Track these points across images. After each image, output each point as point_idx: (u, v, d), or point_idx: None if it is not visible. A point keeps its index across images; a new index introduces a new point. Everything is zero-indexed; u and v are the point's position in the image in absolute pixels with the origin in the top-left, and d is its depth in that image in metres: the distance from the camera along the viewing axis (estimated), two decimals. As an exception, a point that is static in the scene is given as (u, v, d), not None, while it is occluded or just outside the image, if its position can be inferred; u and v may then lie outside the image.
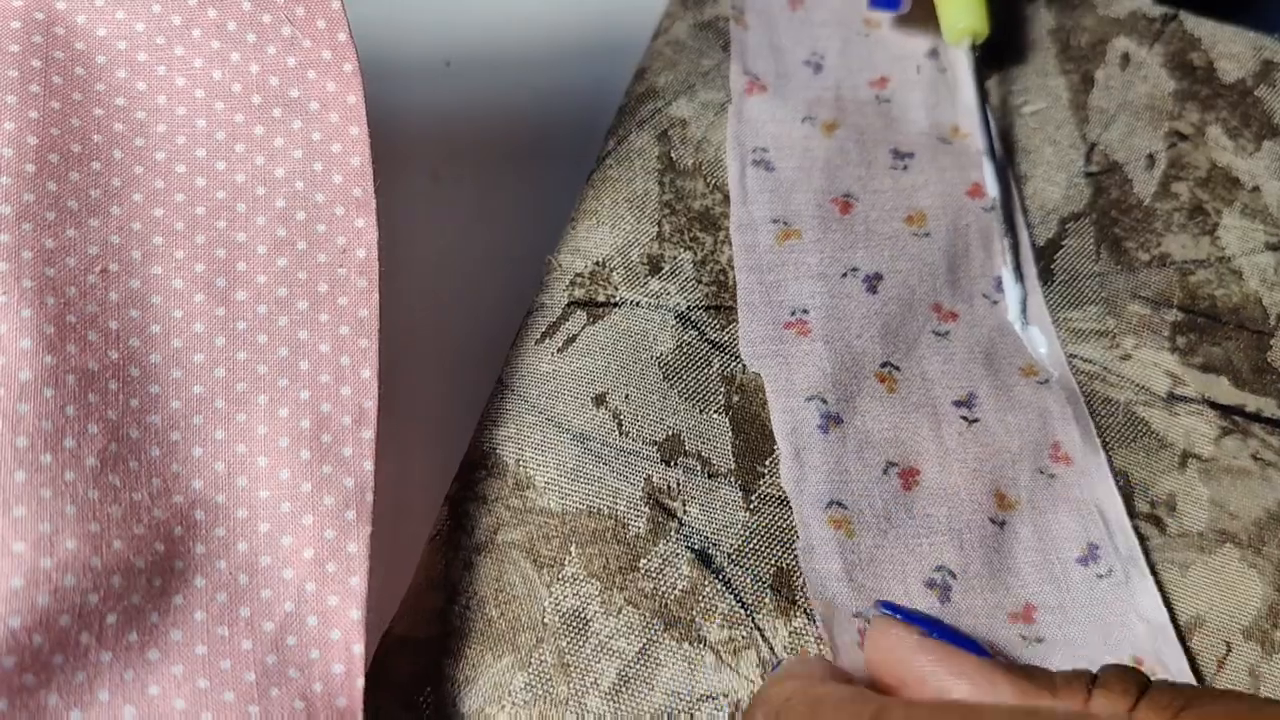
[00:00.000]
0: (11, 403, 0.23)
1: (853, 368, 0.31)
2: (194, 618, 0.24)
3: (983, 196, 0.34)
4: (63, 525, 0.23)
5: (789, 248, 0.33)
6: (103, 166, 0.27)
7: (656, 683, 0.27)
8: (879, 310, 0.32)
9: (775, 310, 0.32)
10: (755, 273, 0.32)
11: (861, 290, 0.32)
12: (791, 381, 0.31)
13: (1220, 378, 0.32)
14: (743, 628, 0.27)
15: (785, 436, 0.30)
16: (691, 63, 0.36)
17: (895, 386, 0.31)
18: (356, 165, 0.28)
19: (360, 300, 0.28)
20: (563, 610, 0.27)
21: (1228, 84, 0.37)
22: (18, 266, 0.25)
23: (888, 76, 0.37)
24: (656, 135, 0.34)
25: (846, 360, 0.31)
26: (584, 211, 0.33)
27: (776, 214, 0.33)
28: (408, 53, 0.40)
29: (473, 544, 0.28)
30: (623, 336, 0.31)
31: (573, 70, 0.40)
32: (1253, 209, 0.34)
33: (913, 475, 0.30)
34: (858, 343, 0.31)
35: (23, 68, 0.27)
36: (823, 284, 0.32)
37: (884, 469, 0.30)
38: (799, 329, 0.31)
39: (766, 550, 0.28)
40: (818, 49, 0.37)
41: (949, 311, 0.32)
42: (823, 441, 0.30)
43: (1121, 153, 0.36)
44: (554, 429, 0.30)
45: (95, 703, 0.23)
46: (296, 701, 0.24)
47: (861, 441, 0.30)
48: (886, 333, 0.32)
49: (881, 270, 0.33)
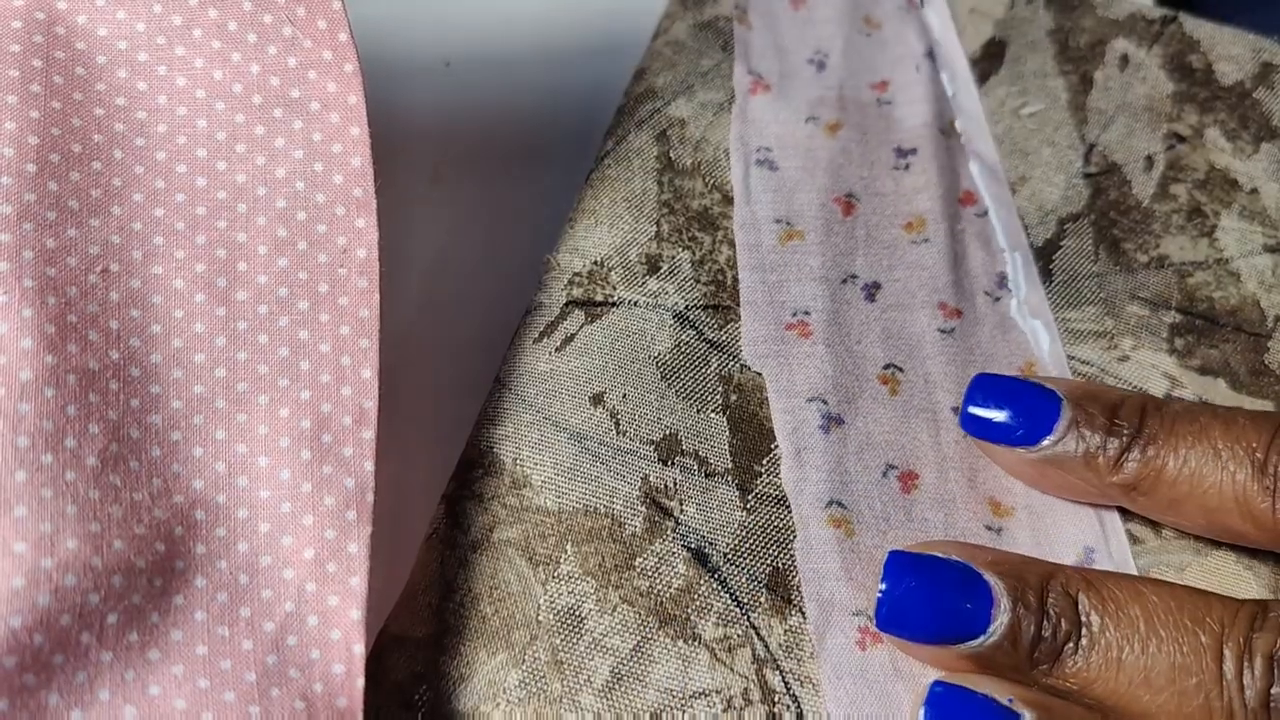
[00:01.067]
0: (12, 402, 0.24)
1: (854, 371, 0.31)
2: (194, 618, 0.25)
3: (974, 203, 0.35)
4: (63, 525, 0.23)
5: (791, 249, 0.33)
6: (103, 166, 0.27)
7: (650, 680, 0.27)
8: (878, 317, 0.32)
9: (777, 310, 0.32)
10: (758, 272, 0.32)
11: (860, 298, 0.32)
12: (793, 382, 0.31)
13: (1218, 380, 0.32)
14: (738, 626, 0.27)
15: (786, 436, 0.30)
16: (691, 63, 0.36)
17: (898, 389, 0.31)
18: (357, 165, 0.29)
19: (361, 300, 0.28)
20: (557, 608, 0.27)
21: (1226, 86, 0.37)
22: (19, 266, 0.25)
23: (888, 80, 0.37)
24: (655, 135, 0.35)
25: (848, 364, 0.31)
26: (582, 211, 0.33)
27: (779, 214, 0.33)
28: (408, 53, 0.40)
29: (469, 542, 0.28)
30: (621, 336, 0.31)
31: (573, 70, 0.40)
32: (1251, 211, 0.35)
33: (912, 479, 0.30)
34: (858, 347, 0.31)
35: (24, 68, 0.27)
36: (824, 287, 0.32)
37: (884, 471, 0.30)
38: (800, 330, 0.31)
39: (762, 549, 0.29)
40: (821, 47, 0.37)
41: (953, 309, 0.33)
42: (823, 441, 0.30)
43: (1120, 154, 0.36)
44: (551, 428, 0.30)
45: (96, 702, 0.23)
46: (297, 701, 0.24)
47: (862, 443, 0.30)
48: (888, 337, 0.32)
49: (880, 279, 0.33)
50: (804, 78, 0.36)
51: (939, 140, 0.35)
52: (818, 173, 0.34)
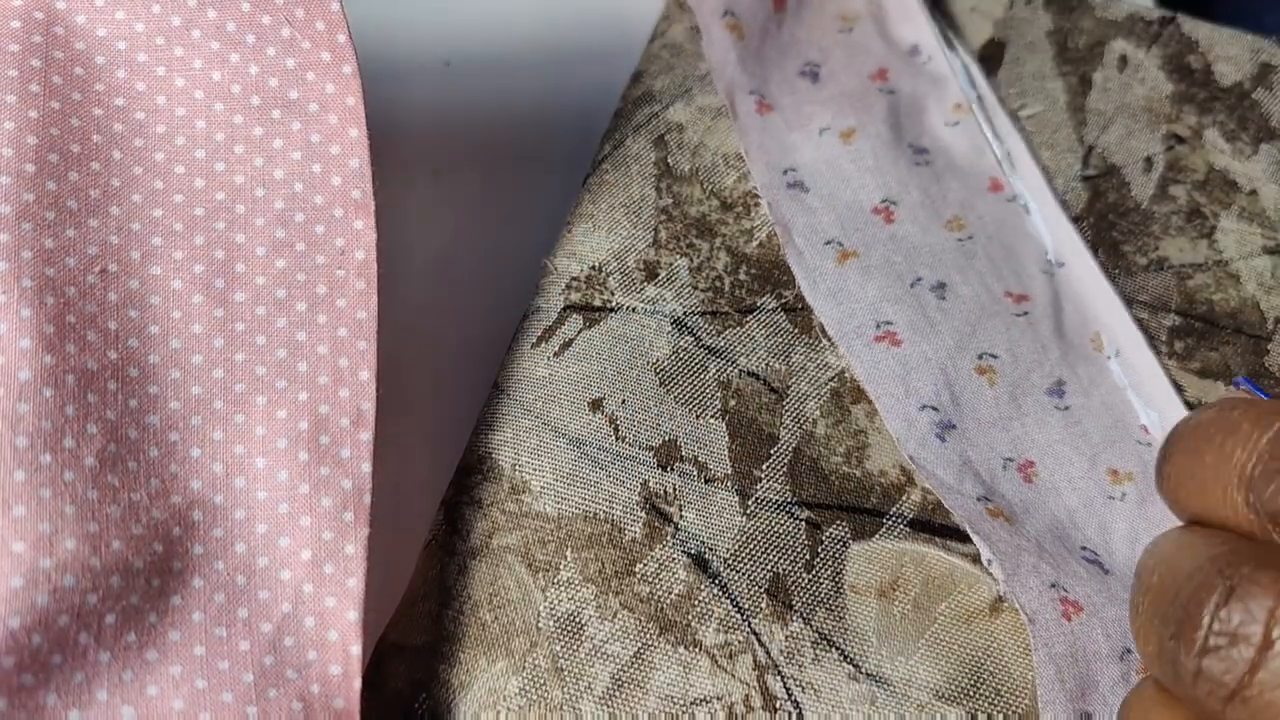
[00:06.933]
0: (11, 402, 0.24)
1: (950, 369, 0.31)
2: (192, 618, 0.25)
3: (1003, 189, 0.35)
4: (62, 525, 0.23)
5: (850, 267, 0.33)
6: (102, 167, 0.27)
7: (651, 686, 0.27)
8: (953, 311, 0.32)
9: (863, 328, 0.32)
10: (831, 299, 0.32)
11: (933, 298, 0.32)
12: (900, 390, 0.31)
13: (1218, 383, 0.32)
14: (738, 632, 0.27)
15: (907, 445, 0.30)
16: (688, 67, 0.36)
17: (995, 379, 0.31)
18: (355, 167, 0.28)
19: (358, 302, 0.28)
20: (557, 615, 0.27)
21: (1225, 87, 0.37)
22: (17, 266, 0.25)
23: (885, 67, 0.37)
24: (653, 140, 0.34)
25: (944, 361, 0.31)
26: (580, 215, 0.33)
27: (829, 235, 0.33)
28: (407, 53, 0.40)
29: (468, 548, 0.28)
30: (619, 341, 0.31)
31: (572, 71, 0.40)
32: (1250, 212, 0.35)
33: (1029, 467, 0.30)
34: (950, 340, 0.32)
35: (22, 67, 0.27)
36: (896, 293, 0.32)
37: (1003, 465, 0.30)
38: (890, 340, 0.32)
39: (763, 555, 0.28)
40: (809, 58, 0.37)
41: (1019, 294, 0.33)
42: (941, 449, 0.30)
43: (1119, 155, 0.36)
44: (550, 433, 0.30)
45: (94, 703, 0.23)
46: (294, 702, 0.24)
47: (979, 442, 0.30)
48: (973, 328, 0.32)
49: (943, 279, 0.33)
50: (801, 91, 0.36)
51: (949, 135, 0.35)
52: (848, 186, 0.34)
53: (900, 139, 0.35)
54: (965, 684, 0.27)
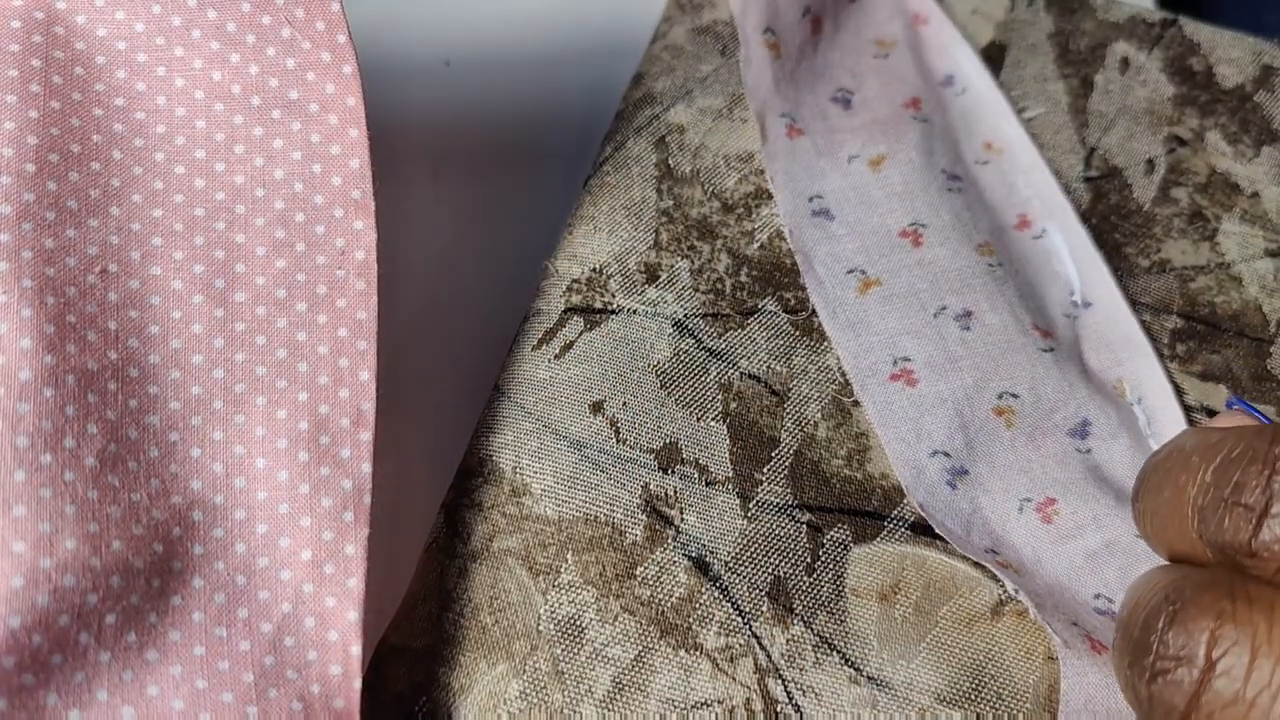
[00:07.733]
0: (11, 402, 0.23)
1: (966, 411, 0.31)
2: (192, 618, 0.25)
3: (1029, 227, 0.34)
4: (62, 525, 0.23)
5: (872, 296, 0.32)
6: (102, 167, 0.27)
7: (651, 690, 0.27)
8: (976, 344, 0.31)
9: (879, 365, 0.31)
10: (849, 330, 0.32)
11: (956, 329, 0.32)
12: (911, 434, 0.30)
13: (1220, 386, 0.32)
14: (739, 635, 0.27)
15: (916, 493, 0.29)
16: (689, 68, 0.36)
17: (1013, 420, 0.30)
18: (355, 168, 0.28)
19: (359, 302, 0.28)
20: (558, 618, 0.27)
21: (1227, 89, 0.37)
22: (18, 266, 0.25)
23: (919, 96, 0.36)
24: (654, 142, 0.34)
25: (960, 403, 0.31)
26: (581, 217, 0.33)
27: (852, 264, 0.33)
28: (408, 53, 0.40)
29: (468, 551, 0.28)
30: (620, 344, 0.31)
31: (573, 71, 0.40)
32: (1252, 215, 0.34)
33: (1049, 505, 0.29)
34: (970, 378, 0.31)
35: (23, 67, 0.27)
36: (916, 324, 0.32)
37: (1019, 507, 0.29)
38: (906, 379, 0.31)
39: (764, 558, 0.28)
40: (842, 84, 0.36)
41: (1045, 330, 0.32)
42: (951, 496, 0.30)
43: (1121, 157, 0.36)
44: (551, 436, 0.30)
45: (94, 703, 0.23)
46: (294, 703, 0.24)
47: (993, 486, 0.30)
48: (996, 364, 0.31)
49: (970, 306, 0.32)
50: (833, 118, 0.36)
51: (979, 171, 0.35)
52: (875, 213, 0.34)
53: (933, 164, 0.35)
54: (967, 687, 0.27)
